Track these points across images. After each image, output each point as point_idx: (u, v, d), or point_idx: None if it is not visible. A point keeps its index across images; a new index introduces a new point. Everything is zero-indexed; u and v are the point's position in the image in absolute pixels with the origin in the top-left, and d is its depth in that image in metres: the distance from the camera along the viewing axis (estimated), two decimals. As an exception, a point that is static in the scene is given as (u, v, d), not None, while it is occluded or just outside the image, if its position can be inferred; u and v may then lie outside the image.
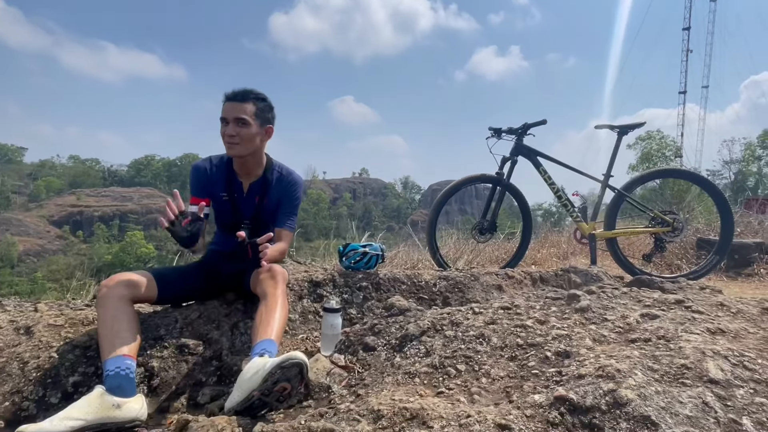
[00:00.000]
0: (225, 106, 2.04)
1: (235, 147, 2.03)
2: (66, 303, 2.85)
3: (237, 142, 2.01)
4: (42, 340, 1.93)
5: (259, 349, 1.52)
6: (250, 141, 2.05)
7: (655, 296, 1.67)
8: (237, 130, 2.00)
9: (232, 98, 2.03)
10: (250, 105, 2.03)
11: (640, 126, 3.45)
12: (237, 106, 2.01)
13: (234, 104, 2.02)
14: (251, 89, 2.07)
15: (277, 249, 2.15)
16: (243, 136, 2.01)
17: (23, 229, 63.27)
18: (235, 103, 2.02)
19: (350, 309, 2.46)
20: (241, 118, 2.00)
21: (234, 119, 2.00)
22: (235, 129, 2.00)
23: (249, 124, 2.02)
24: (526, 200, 3.51)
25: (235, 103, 2.02)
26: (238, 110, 2.01)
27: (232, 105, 2.02)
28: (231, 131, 2.00)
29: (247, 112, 2.01)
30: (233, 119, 2.00)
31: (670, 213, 3.33)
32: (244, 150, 2.05)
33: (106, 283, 1.81)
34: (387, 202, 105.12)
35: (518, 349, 1.32)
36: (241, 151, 2.04)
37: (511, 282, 2.84)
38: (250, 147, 2.07)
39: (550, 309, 1.59)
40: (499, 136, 3.41)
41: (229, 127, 2.00)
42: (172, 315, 2.14)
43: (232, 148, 2.03)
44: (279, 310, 1.77)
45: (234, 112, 2.00)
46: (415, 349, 1.45)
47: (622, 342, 1.29)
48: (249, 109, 2.02)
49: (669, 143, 19.55)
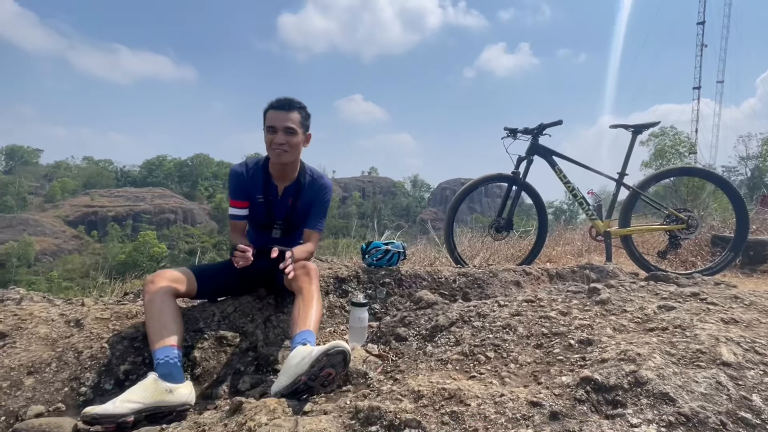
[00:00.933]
0: (272, 115, 2.10)
1: (284, 155, 2.11)
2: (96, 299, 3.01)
3: (286, 150, 2.10)
4: (93, 332, 2.07)
5: (300, 339, 1.64)
6: (297, 148, 2.15)
7: (671, 289, 1.76)
8: (286, 139, 2.08)
9: (279, 107, 2.10)
10: (296, 114, 2.11)
11: (654, 125, 3.51)
12: (285, 115, 2.08)
13: (282, 113, 2.09)
14: (294, 98, 2.15)
15: (305, 249, 2.27)
16: (292, 144, 2.10)
17: (40, 229, 64.55)
18: (283, 112, 2.09)
19: (374, 304, 2.58)
20: (290, 128, 2.08)
21: (283, 128, 2.08)
22: (285, 137, 2.08)
23: (296, 132, 2.11)
24: (542, 199, 3.59)
25: (283, 112, 2.09)
26: (287, 119, 2.08)
27: (280, 114, 2.09)
28: (281, 139, 2.07)
29: (294, 121, 2.10)
30: (283, 128, 2.08)
31: (685, 210, 3.38)
32: (291, 157, 2.14)
33: (152, 279, 1.95)
34: (396, 200, 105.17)
35: (543, 337, 1.42)
36: (289, 158, 2.13)
37: (529, 278, 2.93)
38: (296, 154, 2.17)
39: (571, 302, 1.69)
40: (515, 136, 3.49)
41: (279, 136, 2.07)
42: (210, 309, 2.27)
43: (281, 156, 2.11)
44: (315, 304, 1.88)
45: (283, 121, 2.08)
46: (445, 338, 1.56)
47: (641, 331, 1.38)
48: (296, 117, 2.11)
49: (683, 139, 19.32)
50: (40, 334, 2.06)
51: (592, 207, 3.55)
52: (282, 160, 2.13)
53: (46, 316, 2.19)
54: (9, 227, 62.39)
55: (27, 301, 2.48)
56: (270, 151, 2.15)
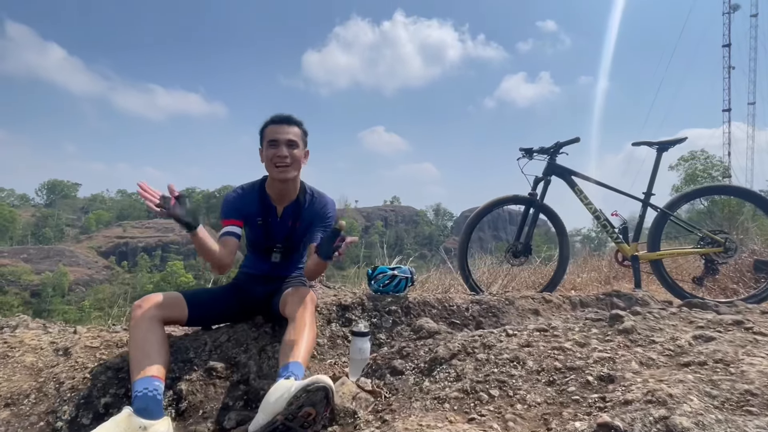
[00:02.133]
0: (273, 129, 2.03)
1: (286, 169, 2.02)
2: (107, 328, 2.94)
3: (289, 163, 2.01)
4: (78, 361, 1.98)
5: (285, 372, 1.49)
6: (299, 163, 2.07)
7: (708, 317, 1.53)
8: (289, 152, 2.00)
9: (280, 121, 2.04)
10: (296, 128, 2.06)
11: (680, 141, 3.29)
12: (287, 129, 2.02)
13: (283, 126, 2.03)
14: (292, 114, 2.09)
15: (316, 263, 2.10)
16: (295, 157, 2.02)
17: (74, 259, 67.09)
18: (284, 125, 2.03)
19: (379, 333, 2.40)
20: (292, 140, 2.01)
21: (286, 141, 2.00)
22: (288, 150, 2.00)
23: (298, 145, 2.04)
24: (562, 221, 3.37)
25: (285, 126, 2.03)
26: (289, 132, 2.02)
27: (282, 127, 2.03)
28: (283, 152, 1.99)
29: (297, 135, 2.04)
30: (285, 141, 2.00)
31: (721, 232, 3.10)
32: (294, 171, 2.05)
33: (139, 303, 1.85)
34: (419, 229, 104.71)
35: (556, 372, 1.22)
36: (291, 172, 2.04)
37: (549, 306, 2.69)
38: (298, 169, 2.08)
39: (590, 331, 1.48)
40: (531, 156, 3.33)
41: (281, 149, 1.99)
42: (202, 338, 2.15)
43: (284, 170, 2.02)
44: (307, 333, 1.74)
45: (285, 134, 2.01)
46: (444, 373, 1.38)
47: (674, 366, 1.17)
48: (297, 132, 2.05)
49: (715, 163, 18.59)
50: (25, 362, 1.98)
51: (617, 229, 3.30)
52: (285, 175, 2.03)
53: (36, 344, 2.11)
54: (47, 258, 65.08)
55: (22, 328, 2.42)
56: (271, 168, 2.05)
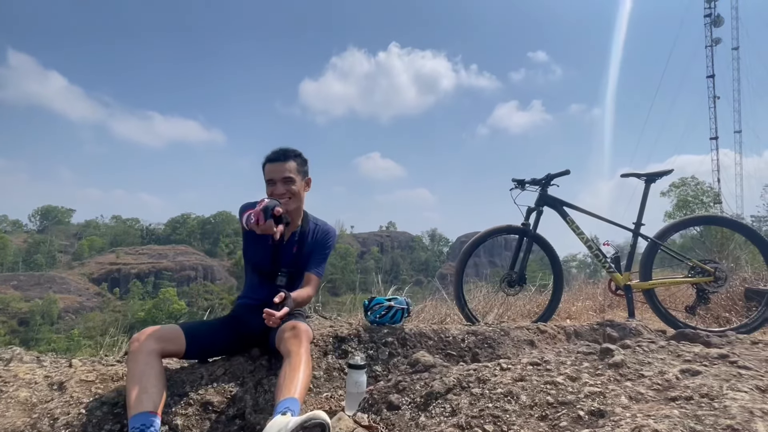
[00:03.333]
0: (269, 168, 2.19)
1: (288, 203, 2.15)
2: (99, 359, 2.92)
3: (288, 197, 2.15)
4: (73, 396, 1.97)
5: (281, 408, 1.51)
6: (298, 196, 2.21)
7: (695, 350, 1.56)
8: (286, 188, 2.15)
9: (274, 159, 2.19)
10: (292, 162, 2.19)
11: (667, 173, 3.40)
12: (281, 166, 2.16)
13: (278, 165, 2.17)
14: (287, 148, 2.24)
15: (304, 294, 2.22)
16: (292, 192, 2.17)
17: (65, 286, 66.01)
18: (279, 163, 2.17)
19: (375, 366, 2.40)
20: (287, 177, 2.16)
21: (282, 179, 2.15)
22: (284, 187, 2.15)
23: (294, 180, 2.17)
24: (555, 251, 3.44)
25: (279, 164, 2.17)
26: (283, 170, 2.16)
27: (277, 166, 2.17)
28: (281, 190, 2.14)
29: (291, 170, 2.17)
30: (281, 179, 2.15)
31: (711, 262, 3.17)
32: (293, 204, 2.19)
33: (137, 337, 1.87)
34: (415, 255, 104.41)
35: (549, 407, 1.25)
36: (292, 205, 2.18)
37: (544, 337, 2.72)
38: (299, 201, 2.23)
39: (582, 364, 1.51)
40: (523, 187, 3.41)
41: (278, 187, 2.15)
42: (198, 371, 2.15)
43: (286, 204, 2.13)
44: (303, 369, 1.76)
45: (280, 172, 2.16)
46: (440, 407, 1.40)
47: (661, 400, 1.20)
48: (292, 166, 2.18)
49: (705, 189, 18.92)
50: (20, 398, 1.97)
51: (609, 259, 3.36)
52: (286, 208, 2.14)
53: (30, 378, 2.10)
54: (37, 285, 64.05)
55: (16, 361, 2.41)
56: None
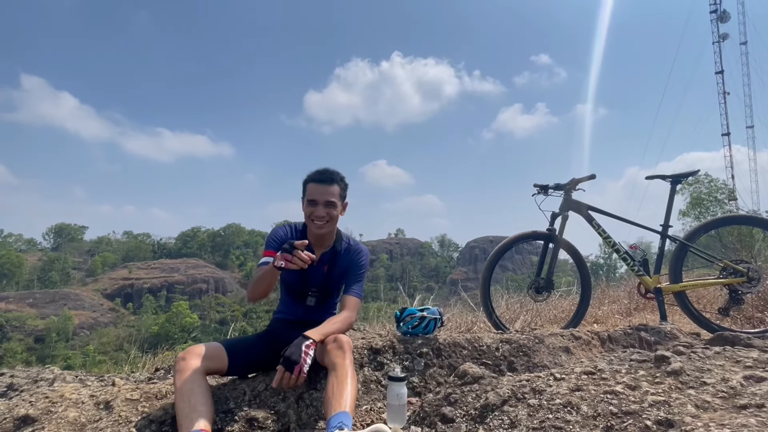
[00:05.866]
0: (314, 188, 2.14)
1: (324, 227, 2.14)
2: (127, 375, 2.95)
3: (325, 222, 2.13)
4: (121, 415, 1.99)
5: (336, 422, 1.51)
6: (336, 220, 2.19)
7: (754, 356, 1.54)
8: (327, 212, 2.12)
9: (320, 181, 2.15)
10: (336, 186, 2.16)
11: (694, 174, 3.38)
12: (326, 189, 2.13)
13: (323, 187, 2.14)
14: (333, 170, 2.20)
15: (343, 318, 2.15)
16: (332, 216, 2.15)
17: (79, 303, 66.71)
18: (324, 185, 2.14)
19: (412, 377, 2.39)
20: (330, 201, 2.13)
21: (324, 202, 2.12)
22: (325, 210, 2.12)
23: (336, 205, 2.15)
24: (582, 256, 3.41)
25: (325, 186, 2.14)
26: (328, 193, 2.13)
27: (322, 188, 2.13)
28: (321, 213, 2.12)
29: (335, 194, 2.14)
30: (324, 202, 2.12)
31: (743, 262, 3.12)
32: (331, 228, 2.18)
33: (183, 356, 1.88)
34: (424, 261, 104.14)
35: (613, 417, 1.24)
36: (329, 229, 2.17)
37: (579, 343, 2.69)
38: (334, 224, 2.20)
39: (638, 372, 1.50)
40: (546, 193, 3.39)
41: (319, 209, 2.12)
42: (240, 387, 2.16)
43: (321, 228, 2.14)
44: (350, 381, 1.76)
45: (324, 195, 2.12)
46: (498, 420, 1.39)
47: (731, 408, 1.19)
48: (336, 190, 2.15)
49: (719, 186, 18.68)
50: (69, 418, 1.99)
51: (637, 262, 3.33)
52: (321, 231, 2.16)
53: (77, 398, 2.13)
54: (52, 302, 64.80)
55: (59, 381, 2.44)
56: (309, 223, 2.17)
